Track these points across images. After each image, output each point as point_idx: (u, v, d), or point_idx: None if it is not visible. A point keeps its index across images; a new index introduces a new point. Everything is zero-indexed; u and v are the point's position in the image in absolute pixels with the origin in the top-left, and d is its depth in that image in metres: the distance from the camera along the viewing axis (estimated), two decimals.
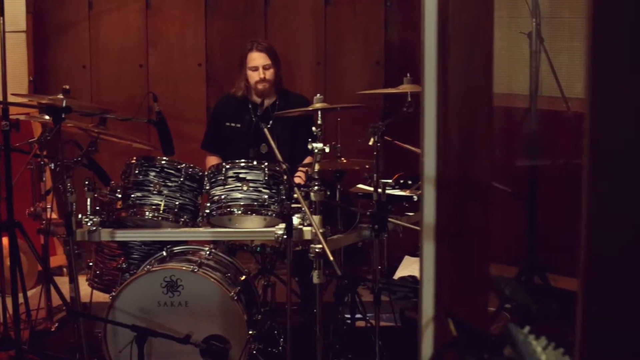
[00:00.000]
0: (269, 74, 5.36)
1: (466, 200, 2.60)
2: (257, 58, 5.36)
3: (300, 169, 5.13)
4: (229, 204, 4.39)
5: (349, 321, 4.76)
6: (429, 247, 2.61)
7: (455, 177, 2.57)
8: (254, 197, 4.37)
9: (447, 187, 2.55)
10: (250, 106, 5.39)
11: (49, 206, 4.72)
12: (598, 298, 1.52)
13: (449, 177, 2.55)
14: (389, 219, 4.29)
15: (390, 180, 4.61)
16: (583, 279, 1.55)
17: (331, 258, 3.72)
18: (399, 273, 6.02)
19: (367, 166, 4.50)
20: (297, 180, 5.02)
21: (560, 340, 1.72)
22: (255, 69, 5.34)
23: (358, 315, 4.81)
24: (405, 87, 4.53)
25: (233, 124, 5.43)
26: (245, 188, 4.37)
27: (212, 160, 5.35)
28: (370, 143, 4.36)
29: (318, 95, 4.39)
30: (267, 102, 5.43)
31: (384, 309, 4.62)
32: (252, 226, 4.46)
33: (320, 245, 3.90)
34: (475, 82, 2.59)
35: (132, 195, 4.43)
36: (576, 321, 1.58)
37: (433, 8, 2.53)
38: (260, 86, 5.35)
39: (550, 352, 1.70)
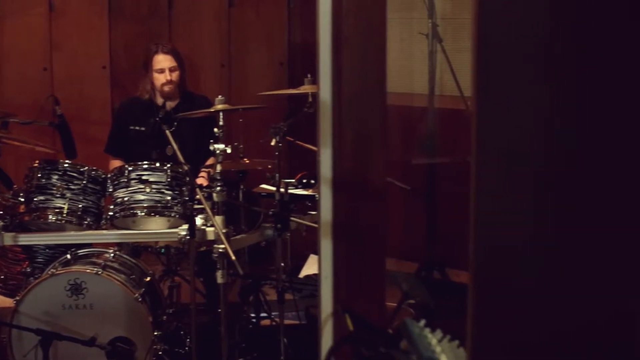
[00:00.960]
0: (175, 75, 5.36)
1: (362, 198, 2.65)
2: (163, 60, 5.35)
3: (204, 170, 5.14)
4: (132, 205, 4.38)
5: (254, 320, 4.79)
6: (326, 245, 2.65)
7: (351, 175, 2.63)
8: (157, 198, 4.37)
9: (343, 185, 2.60)
10: (155, 109, 5.37)
11: None
12: (487, 290, 1.57)
13: (344, 175, 2.60)
14: (292, 218, 4.33)
15: (293, 180, 4.65)
16: (473, 272, 1.61)
17: (233, 257, 3.76)
18: (305, 271, 6.07)
19: (269, 166, 4.54)
20: (200, 181, 5.03)
21: (456, 333, 1.77)
22: (162, 71, 5.34)
23: (263, 314, 4.84)
24: (306, 88, 4.57)
25: (137, 127, 5.41)
26: (148, 190, 4.36)
27: (116, 164, 5.32)
28: (273, 143, 4.40)
29: (220, 96, 4.42)
30: (171, 104, 5.43)
31: (289, 308, 4.66)
32: (155, 227, 4.46)
33: (223, 245, 3.93)
34: (370, 82, 2.65)
35: (35, 199, 4.39)
36: (467, 313, 1.64)
37: (327, 10, 2.57)
38: (166, 88, 5.35)
39: (446, 344, 1.75)
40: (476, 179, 1.59)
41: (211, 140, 4.17)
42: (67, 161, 4.45)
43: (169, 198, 4.37)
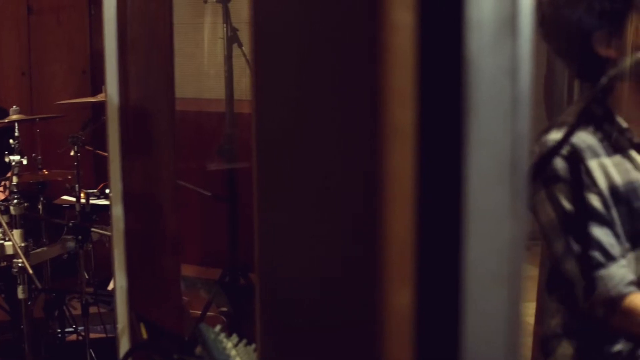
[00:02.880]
0: None
1: (153, 206, 2.63)
2: None
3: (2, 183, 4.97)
4: None
5: (59, 335, 4.67)
6: (119, 255, 2.62)
7: (141, 183, 2.60)
8: None
9: (133, 193, 2.57)
10: None
11: None
12: (270, 291, 1.59)
13: (134, 183, 2.57)
14: (93, 229, 4.25)
15: (95, 190, 4.57)
16: (257, 274, 1.62)
17: (30, 271, 3.65)
18: (113, 284, 5.96)
19: (69, 177, 4.44)
20: None
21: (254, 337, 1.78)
22: None
23: (69, 329, 4.73)
24: (104, 96, 4.49)
25: None
26: None
27: None
28: (72, 153, 4.31)
29: (14, 106, 4.29)
30: None
31: (96, 321, 4.57)
32: None
33: (22, 260, 3.82)
34: (157, 88, 2.63)
35: None
36: (255, 315, 1.65)
37: (112, 16, 2.54)
38: None
39: (242, 348, 1.76)
40: (256, 181, 1.60)
41: (6, 152, 4.05)
42: None
43: None
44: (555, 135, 1.75)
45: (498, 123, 0.83)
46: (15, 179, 4.01)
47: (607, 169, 1.87)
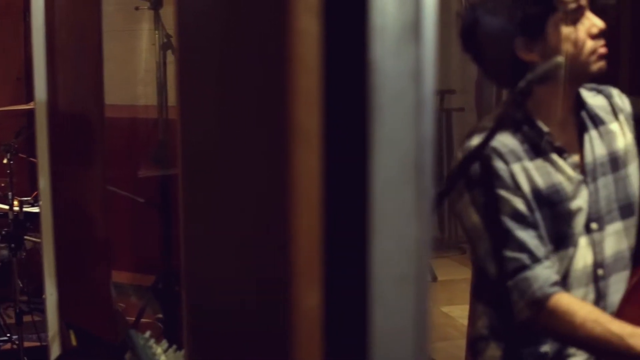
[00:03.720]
0: None
1: (82, 212, 2.62)
2: None
3: None
4: None
5: None
6: (49, 262, 2.60)
7: (71, 189, 2.59)
8: None
9: (62, 200, 2.56)
10: None
11: None
12: (195, 297, 1.59)
13: (63, 190, 2.56)
14: (26, 237, 4.21)
15: (29, 198, 4.52)
16: (183, 281, 1.62)
17: None
18: None
19: (2, 185, 4.39)
20: None
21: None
22: None
23: (4, 338, 4.68)
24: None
25: None
26: None
27: None
28: (5, 161, 4.27)
29: None
30: None
31: (30, 329, 4.52)
32: None
33: None
34: (85, 94, 2.62)
35: None
36: (181, 321, 1.65)
37: (40, 24, 2.53)
38: None
39: (171, 354, 1.77)
40: (182, 187, 1.61)
41: None
42: None
43: None
44: (476, 141, 1.78)
45: (402, 125, 0.84)
46: None
47: (529, 172, 1.91)
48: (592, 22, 1.90)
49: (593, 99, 2.07)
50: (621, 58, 3.04)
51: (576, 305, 1.88)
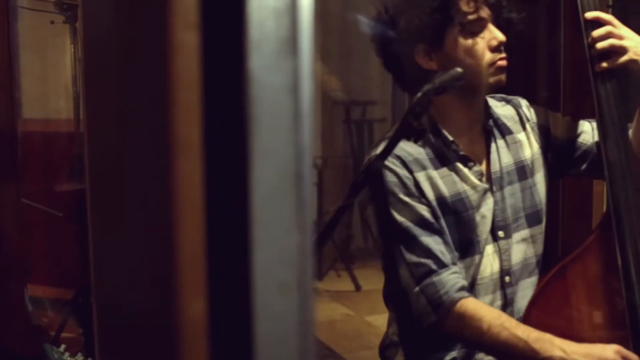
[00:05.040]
0: None
1: None
2: None
3: None
4: None
5: None
6: None
7: None
8: None
9: None
10: None
11: None
12: (103, 308, 1.59)
13: None
14: None
15: None
16: (94, 294, 1.62)
17: None
18: None
19: None
20: None
21: None
22: None
23: None
24: None
25: None
26: None
27: None
28: None
29: None
30: None
31: None
32: None
33: None
34: None
35: None
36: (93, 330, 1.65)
37: None
38: None
39: None
40: (90, 195, 1.61)
41: None
42: None
43: None
44: (380, 149, 1.80)
45: (281, 137, 0.87)
46: None
47: (434, 180, 1.94)
48: (493, 34, 1.93)
49: (502, 109, 2.10)
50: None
51: (483, 310, 1.91)
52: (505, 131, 2.07)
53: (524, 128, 2.10)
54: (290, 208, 0.88)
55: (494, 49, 1.92)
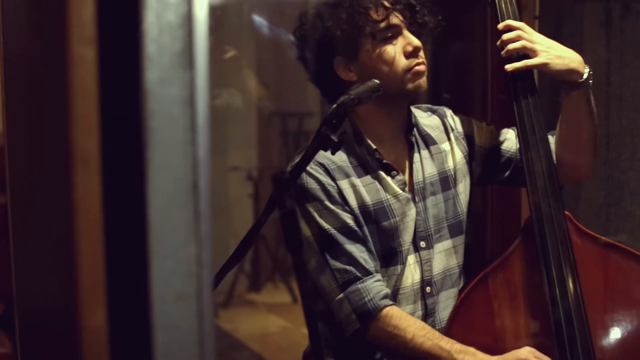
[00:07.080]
0: None
1: None
2: None
3: None
4: None
5: None
6: None
7: None
8: None
9: None
10: None
11: None
12: (22, 319, 1.58)
13: None
14: None
15: None
16: (16, 308, 1.61)
17: None
18: None
19: None
20: None
21: None
22: None
23: None
24: None
25: None
26: None
27: None
28: None
29: None
30: None
31: None
32: None
33: None
34: None
35: None
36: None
37: None
38: None
39: None
40: (11, 214, 1.61)
41: None
42: None
43: None
44: (299, 158, 1.81)
45: (177, 149, 0.88)
46: None
47: (357, 188, 1.95)
48: (408, 40, 1.93)
49: (427, 119, 2.11)
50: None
51: (407, 319, 1.92)
52: (429, 141, 2.08)
53: (449, 138, 2.11)
54: (188, 219, 0.89)
55: (409, 55, 1.92)
